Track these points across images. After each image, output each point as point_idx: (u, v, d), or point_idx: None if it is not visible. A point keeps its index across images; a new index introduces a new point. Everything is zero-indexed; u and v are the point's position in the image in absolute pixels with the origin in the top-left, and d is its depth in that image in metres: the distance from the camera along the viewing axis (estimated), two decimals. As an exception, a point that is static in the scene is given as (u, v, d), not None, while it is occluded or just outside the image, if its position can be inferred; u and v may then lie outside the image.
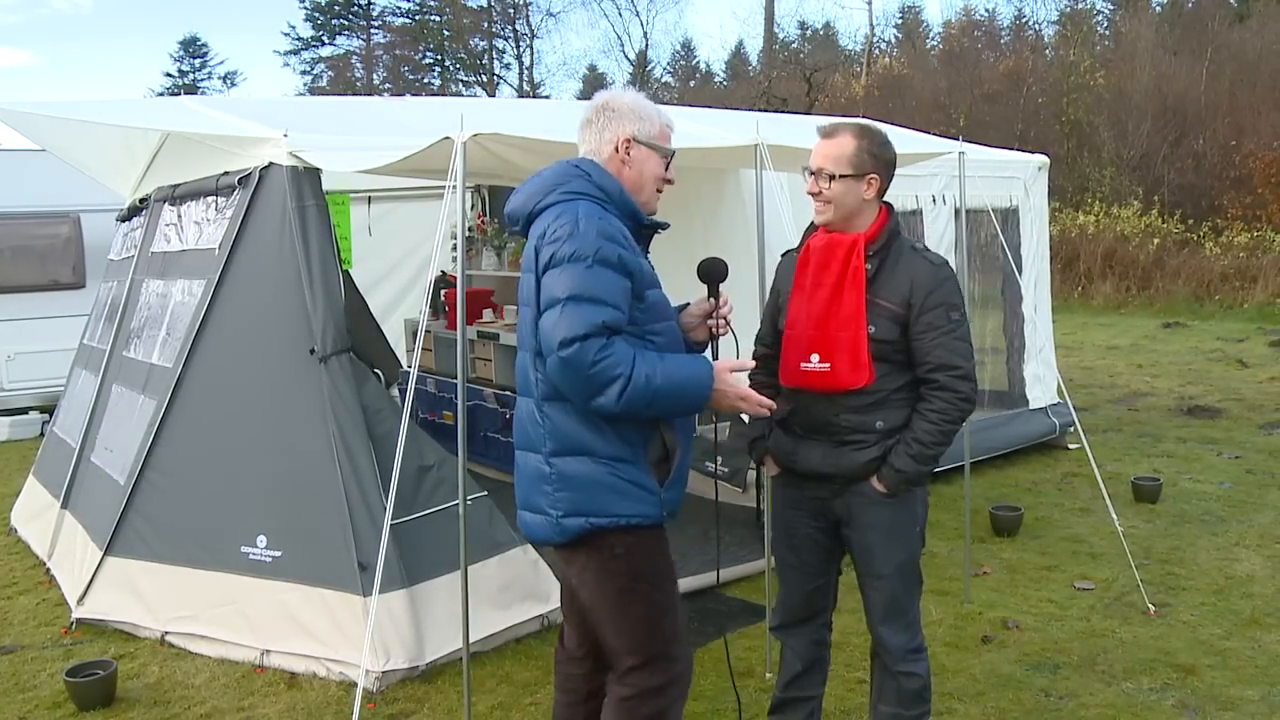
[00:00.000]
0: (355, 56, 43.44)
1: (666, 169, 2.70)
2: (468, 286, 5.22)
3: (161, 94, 39.73)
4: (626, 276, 2.45)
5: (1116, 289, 17.54)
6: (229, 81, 45.47)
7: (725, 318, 2.74)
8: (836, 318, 2.79)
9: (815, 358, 2.82)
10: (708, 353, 2.77)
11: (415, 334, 3.96)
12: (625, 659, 2.60)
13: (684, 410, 2.57)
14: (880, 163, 2.84)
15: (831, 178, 2.80)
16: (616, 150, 2.62)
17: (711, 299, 2.74)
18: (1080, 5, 28.49)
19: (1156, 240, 18.05)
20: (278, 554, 4.17)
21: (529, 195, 2.60)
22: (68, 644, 4.46)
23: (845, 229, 2.85)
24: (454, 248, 4.86)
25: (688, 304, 2.78)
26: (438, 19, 40.88)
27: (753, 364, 2.75)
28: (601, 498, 2.50)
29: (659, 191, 2.71)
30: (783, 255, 3.13)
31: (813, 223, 2.95)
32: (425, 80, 40.57)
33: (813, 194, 2.86)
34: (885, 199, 2.91)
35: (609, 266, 2.41)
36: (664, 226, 2.69)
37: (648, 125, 2.64)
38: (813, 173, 2.84)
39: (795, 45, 36.72)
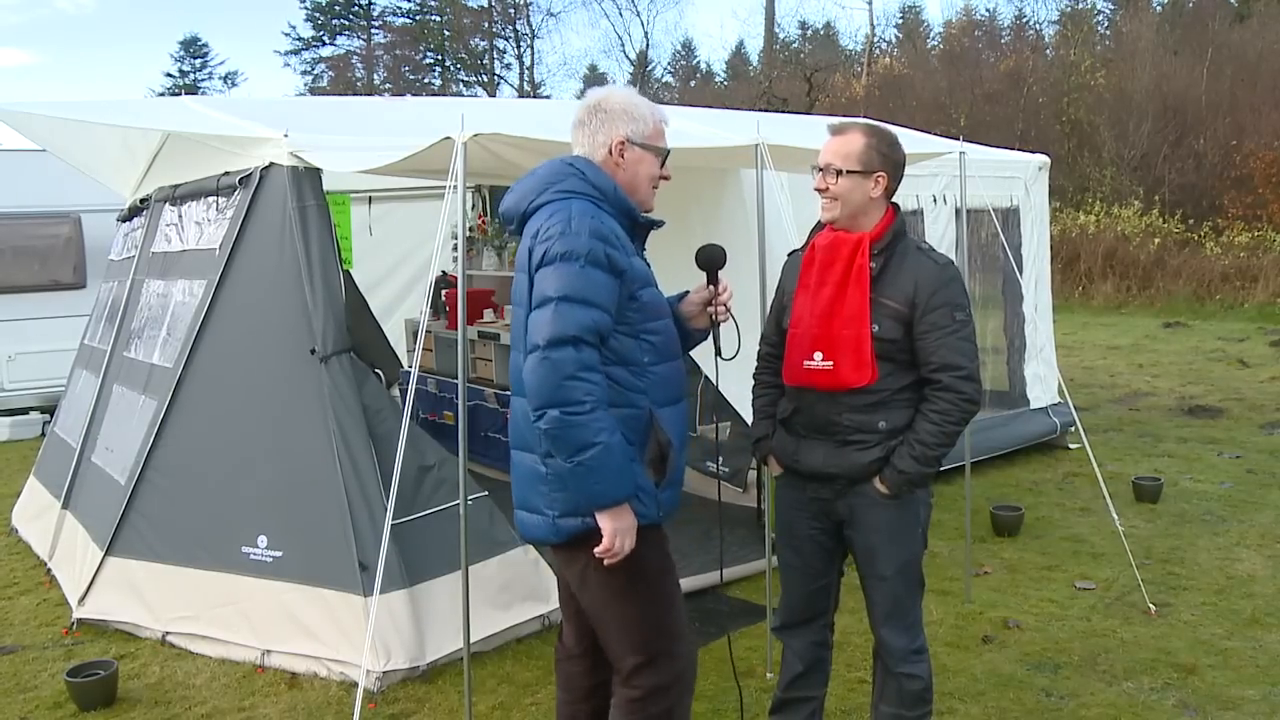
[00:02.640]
0: (356, 56, 43.48)
1: (662, 166, 2.69)
2: (468, 287, 5.21)
3: (162, 94, 39.75)
4: (616, 276, 2.46)
5: (1117, 289, 17.53)
6: (229, 82, 45.57)
7: (725, 304, 2.74)
8: (840, 316, 2.79)
9: (818, 356, 2.81)
10: (709, 340, 2.77)
11: (416, 334, 3.97)
12: (628, 659, 2.60)
13: (579, 488, 2.43)
14: (889, 162, 2.84)
15: (839, 173, 2.80)
16: (610, 153, 2.61)
17: (711, 286, 2.74)
18: (1080, 5, 28.49)
19: (1157, 240, 18.05)
20: (278, 554, 4.17)
21: (523, 194, 2.61)
22: (68, 644, 4.46)
23: (851, 227, 2.85)
24: (454, 248, 4.86)
25: (686, 292, 2.77)
26: (438, 19, 40.91)
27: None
28: None
29: (654, 188, 2.70)
30: (789, 255, 3.13)
31: (819, 222, 2.95)
32: (426, 80, 40.60)
33: (819, 190, 2.85)
34: (892, 200, 2.91)
35: (599, 267, 2.42)
36: (659, 224, 2.69)
37: (641, 125, 2.62)
38: (820, 169, 2.85)
39: (796, 45, 36.76)
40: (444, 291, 7.49)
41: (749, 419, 3.24)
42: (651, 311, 2.58)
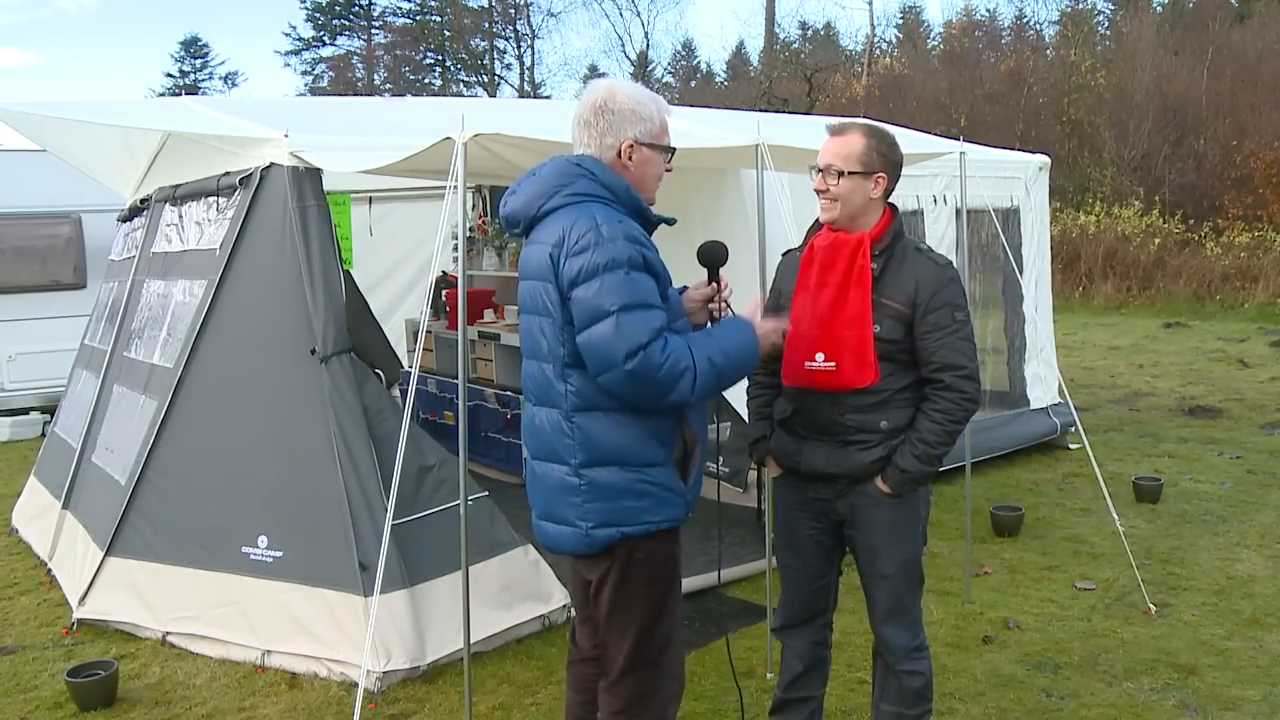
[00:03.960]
0: (356, 57, 43.49)
1: (667, 162, 2.66)
2: (469, 287, 5.21)
3: (163, 94, 39.75)
4: (654, 277, 2.45)
5: (1117, 289, 17.53)
6: (230, 82, 45.57)
7: (726, 301, 2.73)
8: (842, 316, 2.79)
9: (820, 357, 2.81)
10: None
11: (416, 334, 3.97)
12: (618, 661, 2.60)
13: (747, 373, 2.65)
14: (888, 163, 2.84)
15: (840, 174, 2.80)
16: (619, 156, 2.55)
17: (712, 284, 2.73)
18: (1081, 5, 28.49)
19: (1157, 240, 18.04)
20: (279, 554, 4.17)
21: (530, 196, 2.55)
22: (69, 644, 4.46)
23: (850, 228, 2.85)
24: (455, 248, 4.86)
25: (685, 288, 2.75)
26: (438, 19, 40.93)
27: (757, 296, 2.79)
28: (633, 507, 2.49)
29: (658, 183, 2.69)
30: (784, 254, 3.13)
31: (816, 221, 2.95)
32: (426, 80, 40.62)
33: (819, 191, 2.85)
34: (889, 200, 2.91)
35: (641, 269, 2.41)
36: (670, 222, 2.65)
37: (648, 125, 2.57)
38: (820, 170, 2.84)
39: (796, 45, 36.73)
40: (444, 291, 7.50)
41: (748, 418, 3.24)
42: (677, 310, 2.59)
